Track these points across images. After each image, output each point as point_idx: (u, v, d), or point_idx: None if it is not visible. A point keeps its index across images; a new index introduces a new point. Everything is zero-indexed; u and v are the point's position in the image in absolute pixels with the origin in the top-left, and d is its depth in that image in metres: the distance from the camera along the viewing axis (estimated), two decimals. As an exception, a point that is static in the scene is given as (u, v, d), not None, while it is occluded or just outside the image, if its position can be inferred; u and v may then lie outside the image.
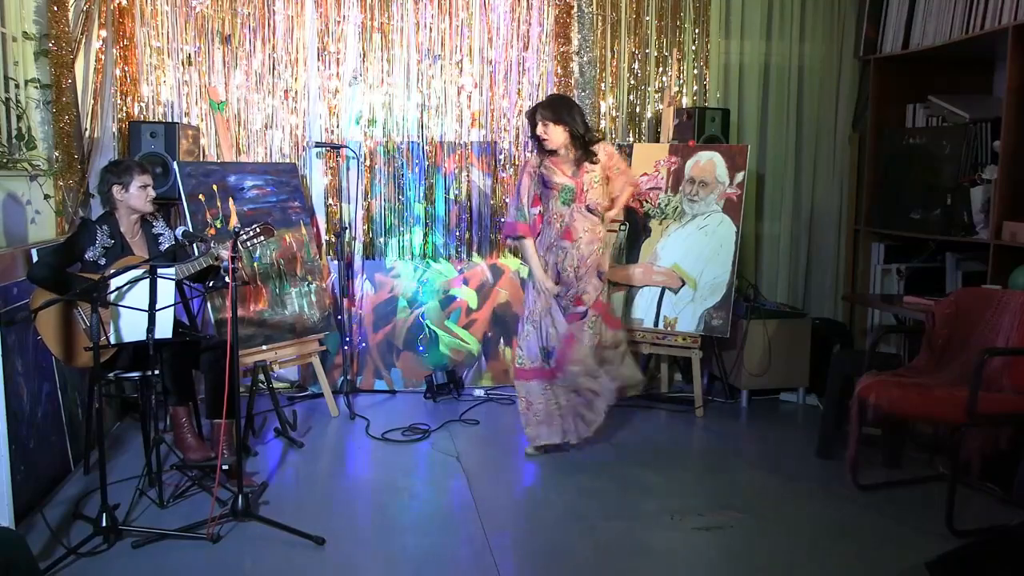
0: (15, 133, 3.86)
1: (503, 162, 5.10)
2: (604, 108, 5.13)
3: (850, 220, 5.32)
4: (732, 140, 4.93)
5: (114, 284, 3.02)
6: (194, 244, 3.51)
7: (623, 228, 4.75)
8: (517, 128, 5.08)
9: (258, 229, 3.29)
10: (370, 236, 5.04)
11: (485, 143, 5.07)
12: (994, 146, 4.18)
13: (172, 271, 3.15)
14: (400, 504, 3.42)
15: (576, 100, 4.60)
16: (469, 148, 5.06)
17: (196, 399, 3.65)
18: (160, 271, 3.05)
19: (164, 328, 3.10)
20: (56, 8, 4.03)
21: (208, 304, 4.16)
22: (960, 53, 4.57)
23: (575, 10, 5.01)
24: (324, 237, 4.95)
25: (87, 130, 4.35)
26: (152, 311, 3.04)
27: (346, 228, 4.82)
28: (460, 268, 5.07)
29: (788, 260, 5.38)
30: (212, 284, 3.61)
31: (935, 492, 3.44)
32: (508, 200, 4.58)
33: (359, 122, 4.97)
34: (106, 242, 3.41)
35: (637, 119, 5.18)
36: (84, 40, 4.29)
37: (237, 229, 3.17)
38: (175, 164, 4.20)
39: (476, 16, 4.98)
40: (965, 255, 4.54)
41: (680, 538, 3.11)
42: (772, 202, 5.37)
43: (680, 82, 5.19)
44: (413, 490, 3.58)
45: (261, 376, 4.21)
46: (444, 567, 2.90)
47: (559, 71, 5.02)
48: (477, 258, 5.12)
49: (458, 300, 5.05)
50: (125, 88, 4.61)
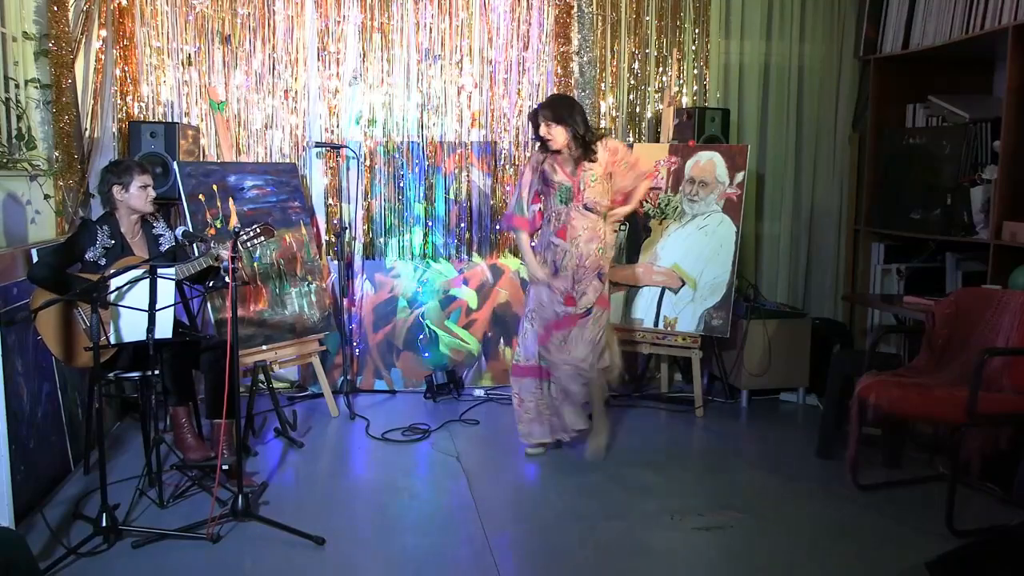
0: (15, 133, 3.86)
1: (503, 162, 5.10)
2: (604, 108, 5.13)
3: (850, 220, 5.32)
4: (732, 140, 4.93)
5: (114, 284, 3.02)
6: (194, 244, 3.52)
7: (623, 228, 4.75)
8: (517, 128, 5.08)
9: (258, 229, 3.29)
10: (370, 236, 5.04)
11: (485, 143, 5.07)
12: (994, 146, 4.18)
13: (172, 271, 3.15)
14: (400, 504, 3.42)
15: (576, 99, 4.59)
16: (469, 148, 5.06)
17: (196, 399, 3.65)
18: (160, 271, 3.05)
19: (164, 328, 3.10)
20: (56, 8, 4.03)
21: (208, 304, 4.16)
22: (960, 53, 4.58)
23: (575, 10, 5.01)
24: (324, 237, 4.95)
25: (87, 130, 4.35)
26: (152, 311, 3.04)
27: (346, 228, 4.82)
28: (460, 268, 5.07)
29: (788, 260, 5.38)
30: (212, 284, 3.61)
31: (935, 492, 3.44)
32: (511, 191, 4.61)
33: (359, 122, 4.97)
34: (106, 242, 3.41)
35: (637, 119, 5.18)
36: (84, 40, 4.29)
37: (237, 229, 3.17)
38: (175, 164, 4.20)
39: (476, 16, 4.98)
40: (965, 255, 4.54)
41: (680, 538, 3.11)
42: (772, 202, 5.37)
43: (680, 82, 5.19)
44: (413, 490, 3.58)
45: (261, 376, 4.21)
46: (444, 567, 2.90)
47: (559, 71, 5.02)
48: (477, 258, 5.12)
49: (458, 300, 5.05)
50: (125, 88, 4.61)
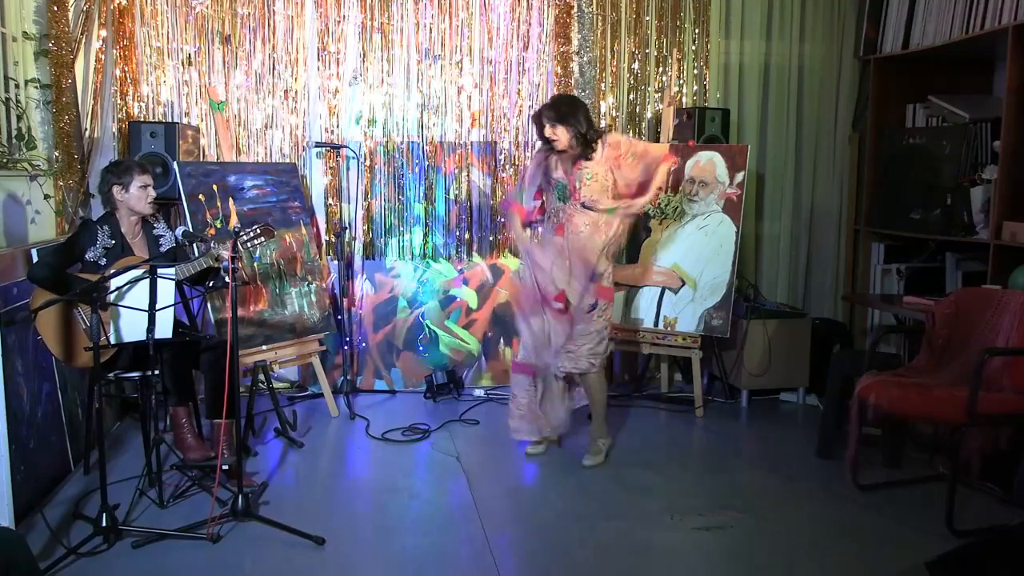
0: (15, 133, 3.86)
1: (503, 162, 5.10)
2: (604, 108, 5.13)
3: (850, 220, 5.32)
4: (732, 140, 4.93)
5: (114, 284, 3.02)
6: (194, 244, 3.52)
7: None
8: (517, 128, 5.08)
9: (258, 230, 3.28)
10: (370, 236, 5.04)
11: (485, 143, 5.07)
12: (994, 146, 4.18)
13: (172, 271, 3.15)
14: (400, 504, 3.42)
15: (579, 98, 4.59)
16: (469, 148, 5.06)
17: (196, 399, 3.65)
18: (160, 272, 3.05)
19: (164, 328, 3.10)
20: (56, 8, 4.03)
21: (208, 304, 4.16)
22: (960, 53, 4.57)
23: (575, 10, 5.01)
24: (324, 237, 4.95)
25: (87, 130, 4.35)
26: (152, 311, 3.04)
27: (346, 228, 4.82)
28: (460, 268, 5.07)
29: (788, 260, 5.38)
30: (212, 284, 3.61)
31: (935, 492, 3.43)
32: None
33: (359, 122, 4.96)
34: (107, 242, 3.41)
35: (637, 119, 5.18)
36: (84, 40, 4.29)
37: (237, 229, 3.16)
38: (175, 164, 4.20)
39: (476, 16, 4.98)
40: (965, 255, 4.54)
41: (680, 538, 3.11)
42: (772, 202, 5.37)
43: (680, 82, 5.19)
44: (413, 490, 3.58)
45: (261, 376, 4.21)
46: (444, 567, 2.90)
47: (559, 71, 5.02)
48: (477, 258, 5.12)
49: (458, 300, 5.05)
50: (125, 88, 4.61)
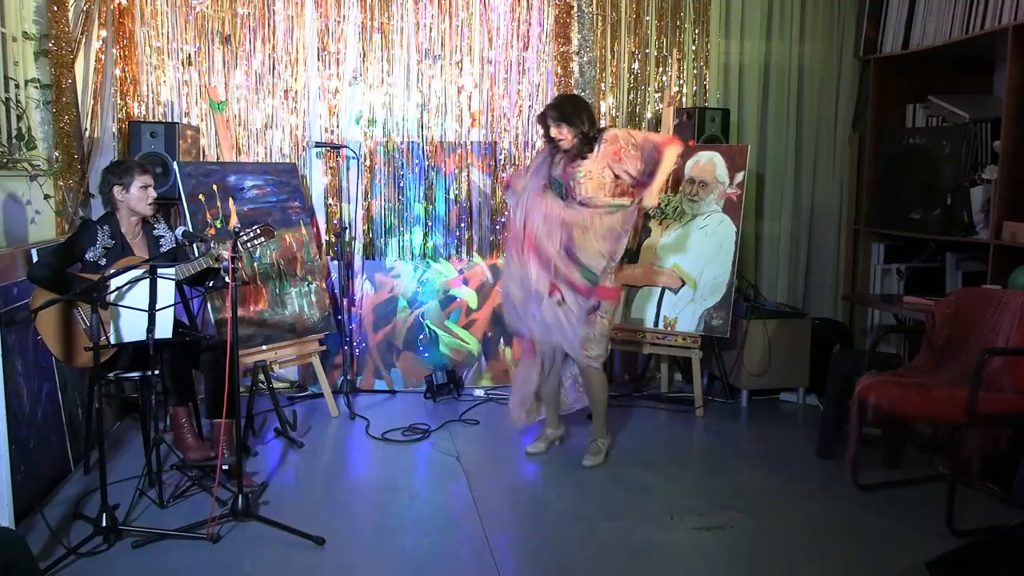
0: (15, 133, 3.86)
1: (503, 162, 5.10)
2: (604, 108, 5.13)
3: (850, 220, 5.32)
4: (732, 140, 4.93)
5: (114, 284, 3.02)
6: (194, 244, 3.52)
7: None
8: (517, 128, 5.08)
9: (258, 230, 3.27)
10: (370, 236, 5.04)
11: (485, 143, 5.07)
12: (994, 146, 4.18)
13: (172, 271, 3.15)
14: (400, 504, 3.42)
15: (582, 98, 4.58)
16: (469, 148, 5.06)
17: (196, 399, 3.65)
18: (160, 272, 3.05)
19: (164, 328, 3.10)
20: (56, 8, 4.03)
21: (208, 304, 4.16)
22: (960, 53, 4.57)
23: (575, 10, 5.01)
24: (324, 237, 4.95)
25: (87, 130, 4.35)
26: (152, 311, 3.04)
27: (346, 228, 4.82)
28: (460, 268, 5.07)
29: (788, 260, 5.38)
30: (212, 284, 3.61)
31: (935, 492, 3.43)
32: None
33: (359, 122, 4.96)
34: (107, 242, 3.41)
35: (637, 119, 5.17)
36: (84, 40, 4.29)
37: (237, 229, 3.16)
38: (175, 164, 4.20)
39: (476, 16, 4.98)
40: (965, 255, 4.54)
41: (680, 538, 3.10)
42: (772, 202, 5.37)
43: (680, 82, 5.19)
44: (413, 490, 3.58)
45: (261, 376, 4.21)
46: (444, 567, 2.90)
47: (559, 71, 5.02)
48: (477, 258, 5.12)
49: (458, 300, 5.05)
50: (125, 88, 4.61)
